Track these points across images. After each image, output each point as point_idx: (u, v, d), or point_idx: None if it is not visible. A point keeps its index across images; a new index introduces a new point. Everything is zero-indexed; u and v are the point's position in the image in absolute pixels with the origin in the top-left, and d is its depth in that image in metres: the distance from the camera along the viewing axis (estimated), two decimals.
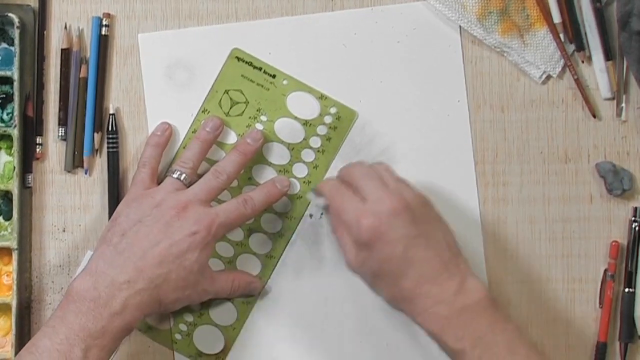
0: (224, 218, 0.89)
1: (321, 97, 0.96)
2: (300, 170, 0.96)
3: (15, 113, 0.94)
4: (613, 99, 0.96)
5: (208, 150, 0.94)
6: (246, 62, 0.96)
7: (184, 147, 0.95)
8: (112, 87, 0.96)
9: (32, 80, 0.95)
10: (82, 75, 0.95)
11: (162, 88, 0.96)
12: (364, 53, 0.96)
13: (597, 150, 0.96)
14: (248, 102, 0.96)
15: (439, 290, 0.83)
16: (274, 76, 0.96)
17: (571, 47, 0.96)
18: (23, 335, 0.94)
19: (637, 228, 0.95)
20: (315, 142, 0.96)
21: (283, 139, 0.96)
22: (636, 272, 0.94)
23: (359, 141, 0.96)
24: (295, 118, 0.96)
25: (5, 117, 0.95)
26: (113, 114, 0.95)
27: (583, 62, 0.96)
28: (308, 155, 0.96)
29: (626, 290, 0.94)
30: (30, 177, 0.95)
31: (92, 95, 0.95)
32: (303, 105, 0.96)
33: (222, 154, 0.95)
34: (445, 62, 0.96)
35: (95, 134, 0.95)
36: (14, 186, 0.94)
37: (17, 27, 0.93)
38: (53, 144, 0.96)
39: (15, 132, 0.94)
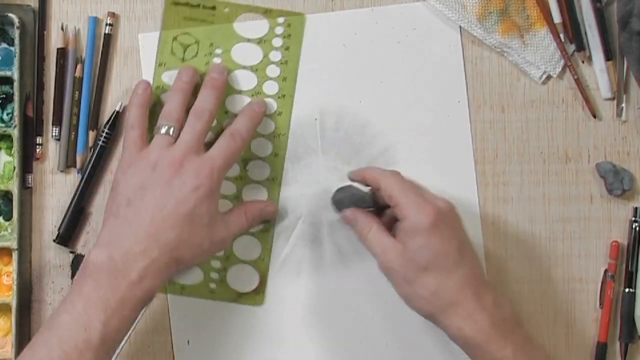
0: (221, 161, 0.88)
1: (265, 12, 0.95)
2: (271, 88, 0.96)
3: (15, 113, 0.94)
4: (613, 99, 0.96)
5: (188, 100, 0.92)
6: (183, 4, 0.95)
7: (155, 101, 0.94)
8: (112, 87, 0.96)
9: (32, 80, 0.95)
10: (77, 74, 0.95)
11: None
12: (364, 53, 0.96)
13: (597, 150, 0.96)
14: (199, 42, 0.95)
15: (479, 299, 0.84)
16: (213, 8, 0.95)
17: (571, 47, 0.96)
18: (23, 335, 0.94)
19: (637, 228, 0.95)
20: (276, 56, 0.96)
21: (244, 64, 0.95)
22: (636, 273, 0.94)
23: (359, 141, 0.96)
24: (249, 40, 0.95)
25: (5, 117, 0.95)
26: (118, 111, 0.95)
27: (583, 62, 0.96)
28: (273, 71, 0.96)
29: (626, 290, 0.94)
30: (30, 177, 0.95)
31: (87, 95, 0.95)
32: (251, 26, 0.96)
33: None
34: (445, 62, 0.96)
35: (90, 132, 0.95)
36: (14, 186, 0.94)
37: (17, 27, 0.93)
38: (53, 144, 0.96)
39: (15, 132, 0.94)
